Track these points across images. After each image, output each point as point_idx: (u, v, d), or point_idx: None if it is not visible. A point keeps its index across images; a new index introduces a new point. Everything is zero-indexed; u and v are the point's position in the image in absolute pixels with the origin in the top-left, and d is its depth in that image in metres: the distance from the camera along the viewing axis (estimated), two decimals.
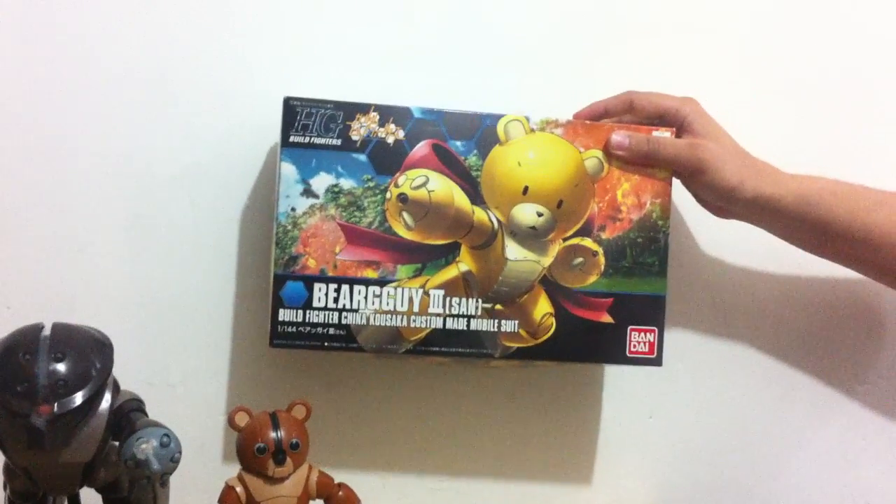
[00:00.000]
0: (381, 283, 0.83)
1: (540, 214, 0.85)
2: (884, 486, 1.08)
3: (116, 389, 0.69)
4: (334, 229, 0.83)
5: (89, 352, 0.66)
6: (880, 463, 1.06)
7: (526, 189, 0.85)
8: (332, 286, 0.83)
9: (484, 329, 0.85)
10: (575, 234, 0.86)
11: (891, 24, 1.04)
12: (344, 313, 0.83)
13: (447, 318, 0.84)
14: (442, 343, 0.84)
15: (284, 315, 0.83)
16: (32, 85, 0.88)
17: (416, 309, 0.84)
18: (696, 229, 1.00)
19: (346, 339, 0.83)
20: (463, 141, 0.85)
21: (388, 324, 0.83)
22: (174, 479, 0.84)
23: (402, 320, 0.84)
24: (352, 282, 0.83)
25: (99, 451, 0.68)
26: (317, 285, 0.83)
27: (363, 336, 0.83)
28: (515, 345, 0.85)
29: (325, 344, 0.83)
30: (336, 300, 0.83)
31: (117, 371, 0.70)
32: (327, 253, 0.83)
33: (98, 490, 0.74)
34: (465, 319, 0.84)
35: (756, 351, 1.03)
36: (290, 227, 0.83)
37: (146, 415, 0.70)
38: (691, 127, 0.85)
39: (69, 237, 0.89)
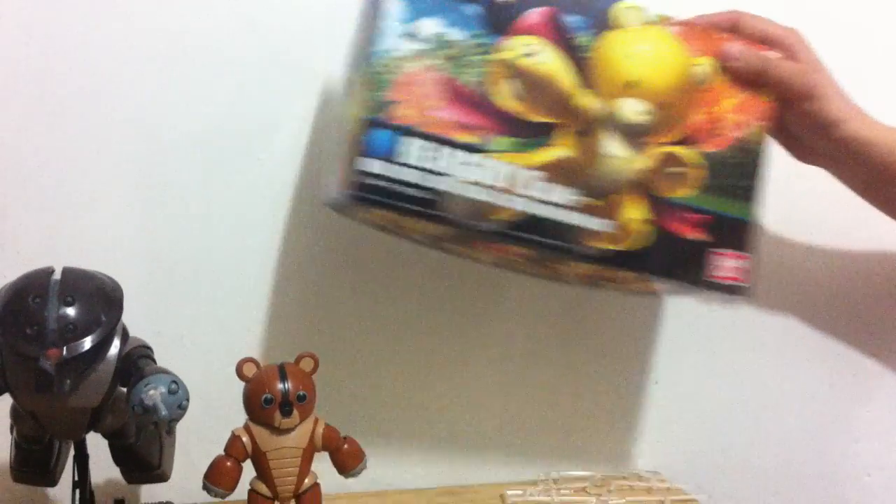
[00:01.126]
0: (476, 149, 0.74)
1: (642, 112, 0.78)
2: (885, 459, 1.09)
3: (125, 336, 0.69)
4: (435, 81, 0.74)
5: (99, 297, 0.66)
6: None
7: (632, 83, 0.78)
8: (423, 143, 0.73)
9: (572, 223, 0.76)
10: (675, 143, 0.79)
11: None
12: (431, 175, 0.73)
13: (537, 203, 0.75)
14: (526, 229, 0.75)
15: (366, 165, 0.72)
16: (47, 36, 0.87)
17: (506, 185, 0.74)
18: None
19: (428, 203, 0.73)
20: (578, 16, 0.76)
21: (475, 196, 0.74)
22: (181, 429, 0.85)
23: (490, 195, 0.74)
24: (445, 142, 0.73)
25: (107, 396, 0.68)
26: (406, 139, 0.72)
27: (447, 205, 0.74)
28: (601, 245, 0.77)
29: (407, 206, 0.73)
30: (425, 159, 0.73)
31: (126, 320, 0.70)
32: (423, 106, 0.73)
33: (105, 436, 0.74)
34: (556, 208, 0.75)
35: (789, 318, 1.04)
36: (384, 70, 0.73)
37: (155, 362, 0.70)
38: (797, 57, 0.81)
39: (80, 186, 0.89)
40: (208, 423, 0.81)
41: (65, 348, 0.63)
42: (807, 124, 0.83)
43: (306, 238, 0.94)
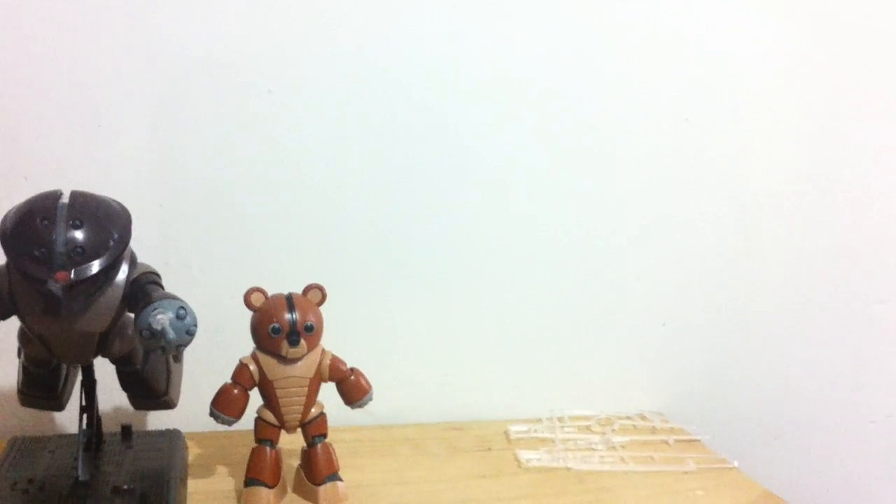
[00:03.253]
0: None
1: None
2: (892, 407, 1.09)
3: (133, 261, 0.69)
4: None
5: (107, 221, 0.65)
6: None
7: None
8: None
9: None
10: None
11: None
12: None
13: None
14: None
15: None
16: None
17: None
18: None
19: None
20: None
21: None
22: (187, 358, 0.85)
23: None
24: None
25: (114, 321, 0.68)
26: None
27: None
28: None
29: None
30: None
31: (134, 248, 0.70)
32: None
33: (112, 361, 0.74)
34: None
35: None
36: None
37: (163, 288, 0.69)
38: None
39: (91, 111, 0.88)
40: (215, 353, 0.81)
41: (73, 271, 0.62)
42: None
43: (317, 169, 0.93)
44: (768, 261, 1.04)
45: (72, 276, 0.62)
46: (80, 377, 0.76)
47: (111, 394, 0.80)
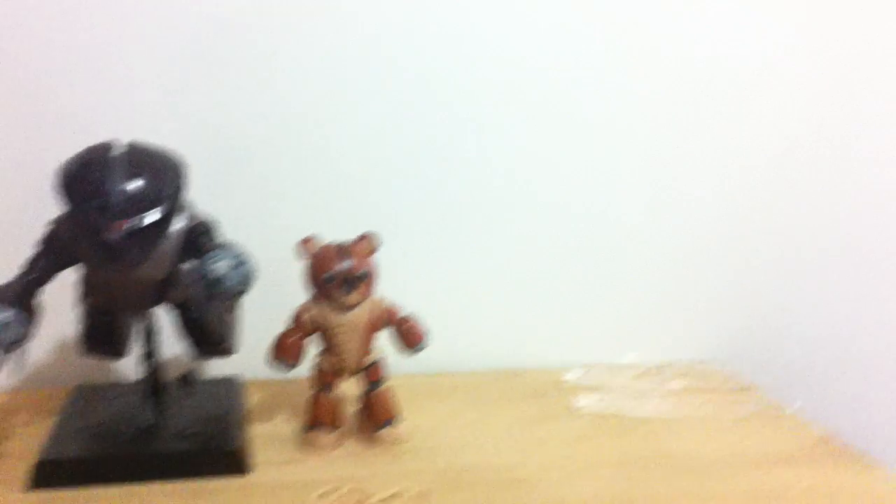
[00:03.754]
0: None
1: None
2: None
3: (190, 210, 0.70)
4: None
5: (164, 170, 0.66)
6: None
7: None
8: None
9: None
10: None
11: None
12: None
13: None
14: None
15: None
16: None
17: None
18: None
19: None
20: None
21: None
22: (245, 306, 0.86)
23: None
24: None
25: (172, 269, 0.69)
26: None
27: None
28: None
29: None
30: None
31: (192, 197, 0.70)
32: None
33: (171, 310, 0.75)
34: None
35: None
36: None
37: (219, 237, 0.70)
38: None
39: (139, 63, 0.88)
40: (271, 301, 0.82)
41: (130, 220, 0.63)
42: None
43: (365, 117, 0.93)
44: (823, 199, 1.03)
45: (130, 224, 0.63)
46: (140, 325, 0.78)
47: (171, 341, 0.81)
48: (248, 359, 0.86)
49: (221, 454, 0.71)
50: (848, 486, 0.71)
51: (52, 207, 0.69)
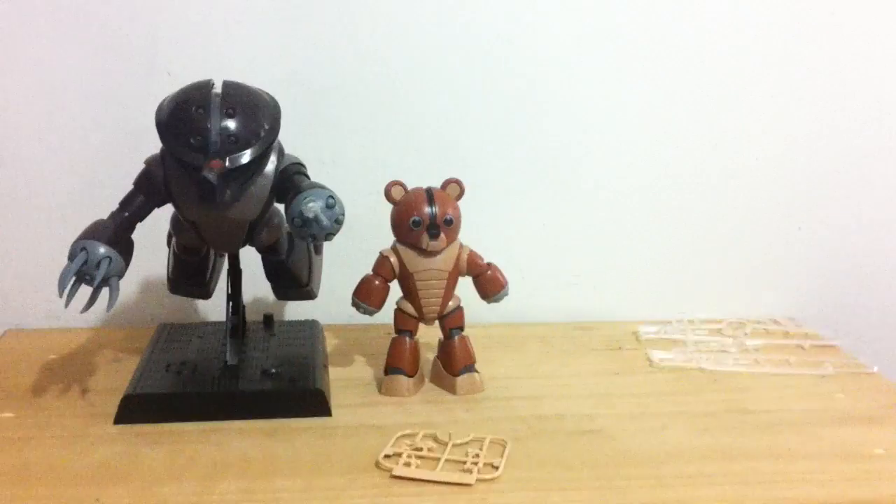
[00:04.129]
0: None
1: None
2: None
3: (282, 152, 0.70)
4: None
5: (259, 111, 0.67)
6: None
7: None
8: None
9: None
10: None
11: None
12: None
13: None
14: None
15: None
16: None
17: None
18: None
19: None
20: None
21: None
22: (327, 252, 0.87)
23: None
24: None
25: (264, 210, 0.70)
26: None
27: None
28: None
29: None
30: None
31: None
32: None
33: (259, 250, 0.77)
34: None
35: None
36: None
37: (310, 179, 0.71)
38: None
39: (227, 7, 0.89)
40: (352, 247, 0.83)
41: (227, 159, 0.64)
42: None
43: (447, 67, 0.93)
44: None
45: (226, 163, 0.64)
46: (226, 266, 0.79)
47: (252, 284, 0.82)
48: (327, 304, 0.87)
49: (303, 394, 0.72)
50: None
51: (147, 146, 0.70)
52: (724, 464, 0.66)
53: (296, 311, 0.94)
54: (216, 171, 0.64)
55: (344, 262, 0.84)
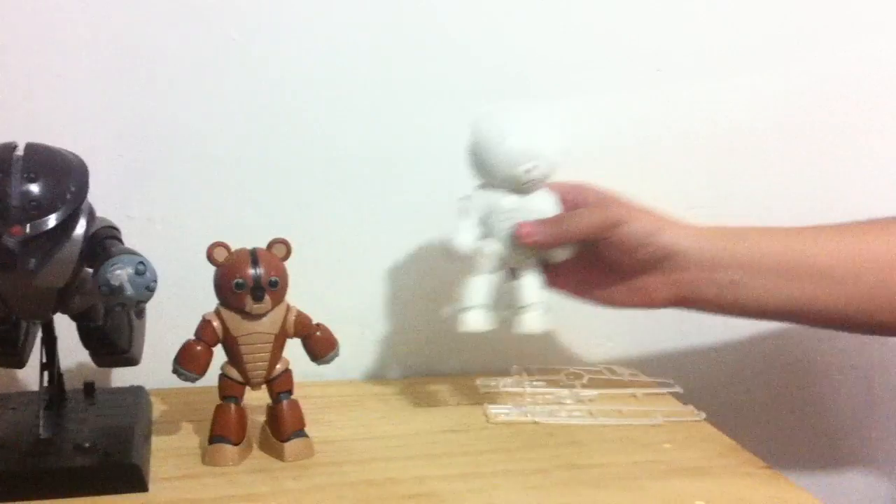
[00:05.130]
0: None
1: None
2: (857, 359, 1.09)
3: (92, 216, 0.67)
4: None
5: (64, 174, 0.64)
6: None
7: None
8: None
9: None
10: None
11: None
12: None
13: None
14: None
15: None
16: None
17: None
18: None
19: None
20: None
21: None
22: (150, 314, 0.84)
23: None
24: None
25: (73, 276, 0.66)
26: None
27: None
28: None
29: None
30: None
31: (98, 202, 0.68)
32: None
33: (72, 318, 0.73)
34: None
35: None
36: None
37: (122, 243, 0.68)
38: (587, 201, 0.81)
39: (48, 60, 0.86)
40: (178, 309, 0.80)
41: (28, 225, 0.61)
42: (627, 246, 0.79)
43: (280, 119, 0.91)
44: None
45: (27, 230, 0.61)
46: (40, 334, 0.75)
47: (73, 350, 0.79)
48: (153, 368, 0.84)
49: (117, 469, 0.68)
50: (756, 498, 0.71)
51: None
52: None
53: (120, 376, 0.90)
54: (17, 238, 0.61)
55: (172, 322, 0.80)
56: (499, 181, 0.79)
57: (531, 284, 0.82)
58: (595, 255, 0.81)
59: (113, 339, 0.77)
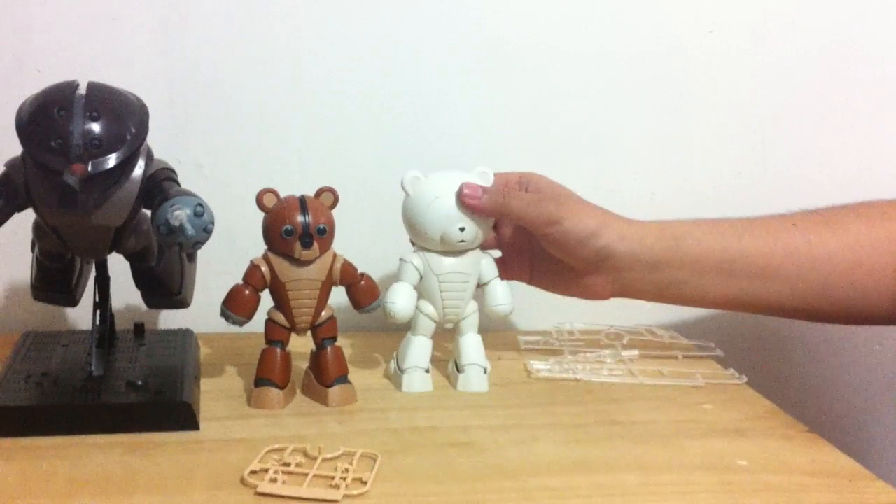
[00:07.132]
0: None
1: None
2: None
3: (150, 157, 0.68)
4: None
5: (125, 114, 0.65)
6: None
7: None
8: None
9: None
10: None
11: None
12: None
13: None
14: None
15: None
16: None
17: None
18: None
19: None
20: None
21: None
22: (200, 259, 0.85)
23: None
24: None
25: (130, 216, 0.67)
26: None
27: None
28: None
29: None
30: None
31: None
32: None
33: (127, 258, 0.74)
34: None
35: None
36: None
37: (179, 185, 0.69)
38: (540, 190, 0.82)
39: (104, 4, 0.86)
40: (227, 254, 0.81)
41: (90, 163, 0.62)
42: (566, 243, 0.79)
43: (331, 70, 0.92)
44: None
45: (89, 168, 0.62)
46: (93, 273, 0.76)
47: (124, 291, 0.80)
48: (201, 312, 0.85)
49: (169, 407, 0.70)
50: (796, 460, 0.72)
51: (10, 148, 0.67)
52: (590, 476, 0.66)
53: (169, 319, 0.92)
54: (78, 175, 0.61)
55: (220, 269, 0.82)
56: (434, 242, 0.79)
57: (473, 345, 0.83)
58: (542, 249, 0.81)
59: (165, 280, 0.78)
